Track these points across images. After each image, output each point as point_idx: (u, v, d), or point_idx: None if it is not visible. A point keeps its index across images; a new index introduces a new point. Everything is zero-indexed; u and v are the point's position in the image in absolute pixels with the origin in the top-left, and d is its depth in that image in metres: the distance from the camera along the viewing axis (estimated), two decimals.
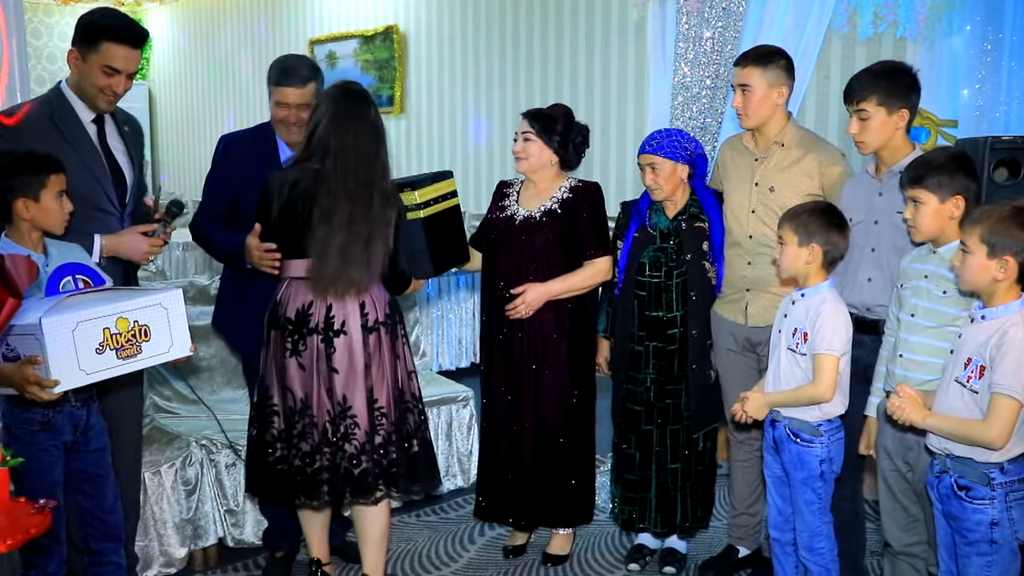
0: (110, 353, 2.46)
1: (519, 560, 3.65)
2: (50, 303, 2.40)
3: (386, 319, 3.04)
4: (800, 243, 2.75)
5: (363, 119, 2.95)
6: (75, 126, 2.99)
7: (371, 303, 3.00)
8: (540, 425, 3.45)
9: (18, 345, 2.37)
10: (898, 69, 2.96)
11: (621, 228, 3.49)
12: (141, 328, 2.52)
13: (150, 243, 2.99)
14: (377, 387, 2.99)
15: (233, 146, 3.40)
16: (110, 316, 2.45)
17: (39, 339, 2.31)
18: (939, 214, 2.57)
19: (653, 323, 3.36)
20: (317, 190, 2.90)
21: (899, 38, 4.65)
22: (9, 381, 2.39)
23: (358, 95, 3.00)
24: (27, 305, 2.41)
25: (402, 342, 3.11)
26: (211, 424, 3.74)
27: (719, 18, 3.99)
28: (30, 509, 2.14)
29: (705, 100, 4.05)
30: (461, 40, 7.48)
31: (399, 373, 3.07)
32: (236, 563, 3.62)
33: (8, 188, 2.58)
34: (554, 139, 3.42)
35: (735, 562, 3.52)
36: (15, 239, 2.61)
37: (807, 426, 2.77)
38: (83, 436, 2.71)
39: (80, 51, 2.95)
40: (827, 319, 2.71)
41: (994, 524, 2.32)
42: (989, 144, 3.18)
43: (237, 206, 3.30)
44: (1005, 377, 2.22)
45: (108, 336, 2.45)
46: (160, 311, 2.57)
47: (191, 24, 10.82)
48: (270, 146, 3.34)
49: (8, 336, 2.37)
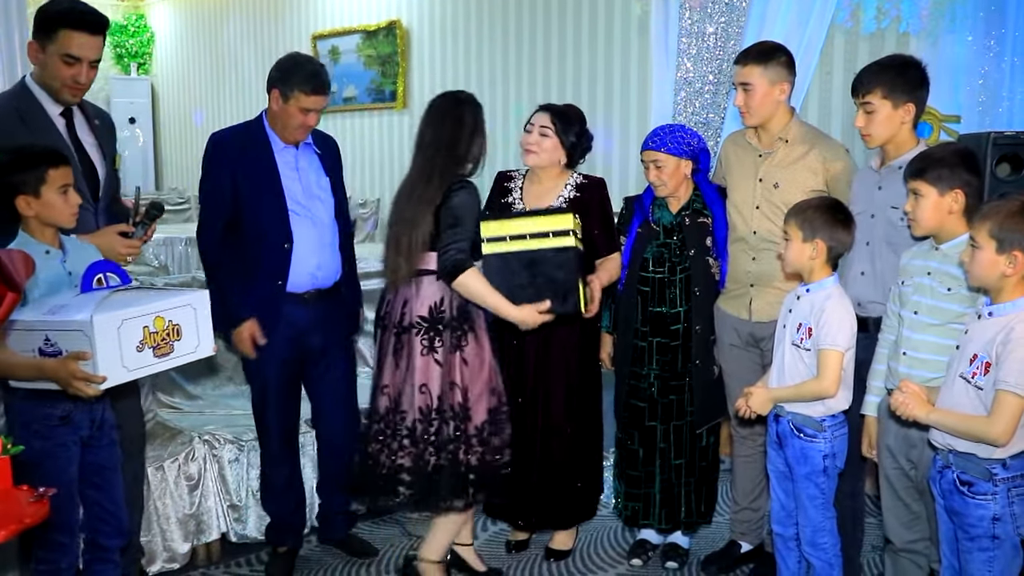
0: (148, 351, 2.50)
1: (522, 555, 3.65)
2: (92, 300, 2.42)
3: (422, 321, 3.05)
4: (805, 239, 2.75)
5: (446, 115, 3.09)
6: (42, 120, 2.94)
7: (415, 301, 3.06)
8: (547, 425, 3.44)
9: (60, 340, 2.38)
10: (907, 63, 2.95)
11: (624, 224, 3.49)
12: (174, 327, 2.56)
13: (127, 244, 2.91)
14: (393, 388, 3.07)
15: (224, 144, 3.34)
16: (150, 315, 2.49)
17: (88, 335, 2.34)
18: (938, 207, 2.57)
19: (656, 319, 3.36)
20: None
21: (902, 33, 4.65)
22: (52, 376, 2.39)
23: (448, 96, 3.16)
24: (67, 301, 2.45)
25: (448, 350, 3.06)
26: (214, 419, 3.75)
27: (722, 13, 3.98)
28: (29, 498, 2.14)
29: (708, 96, 4.04)
30: (464, 35, 7.48)
31: (435, 380, 3.05)
32: (239, 558, 3.63)
33: (9, 186, 2.57)
34: (570, 139, 3.41)
35: (737, 557, 3.52)
36: (31, 235, 2.61)
37: (811, 421, 2.77)
38: (98, 431, 2.71)
39: (39, 42, 2.90)
40: (832, 314, 2.71)
41: (996, 519, 2.32)
42: (991, 139, 3.17)
43: (238, 206, 3.25)
44: (1011, 374, 2.22)
45: (147, 334, 2.48)
46: (190, 311, 2.60)
47: (194, 19, 10.81)
48: (262, 141, 3.30)
49: (50, 331, 2.38)
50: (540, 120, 3.42)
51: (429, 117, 3.13)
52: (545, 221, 3.01)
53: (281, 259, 3.24)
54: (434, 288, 3.06)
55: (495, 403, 3.10)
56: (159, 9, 11.37)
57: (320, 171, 3.39)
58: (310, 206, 3.31)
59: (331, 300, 3.40)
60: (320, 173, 3.38)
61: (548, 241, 3.00)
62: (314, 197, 3.33)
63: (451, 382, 3.05)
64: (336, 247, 3.40)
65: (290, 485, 3.51)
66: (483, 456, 3.08)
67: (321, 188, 3.37)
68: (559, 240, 2.99)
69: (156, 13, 11.45)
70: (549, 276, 3.00)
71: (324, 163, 3.41)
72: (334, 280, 3.40)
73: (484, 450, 3.08)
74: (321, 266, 3.33)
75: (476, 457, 3.07)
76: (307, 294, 3.32)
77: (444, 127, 3.08)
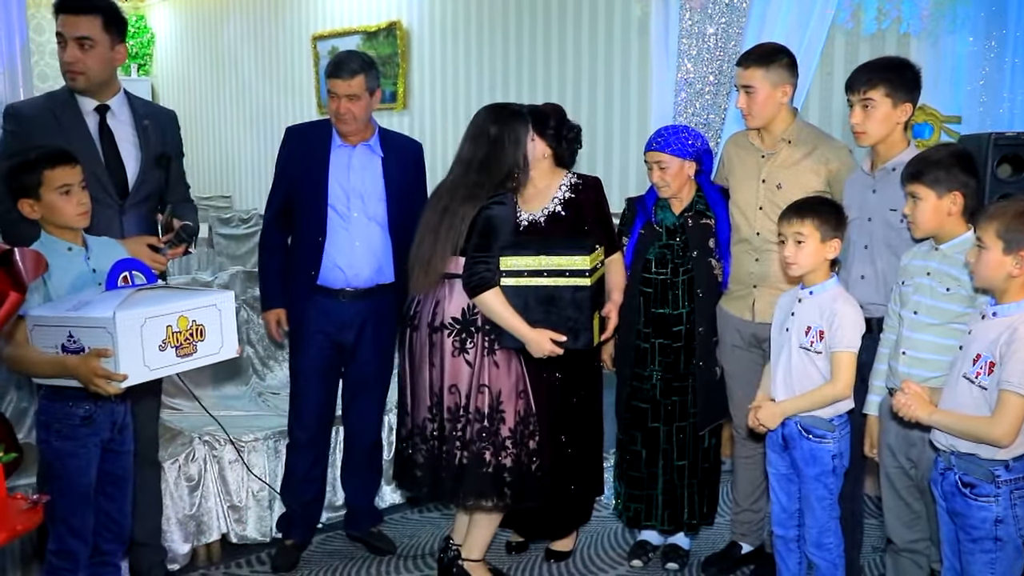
0: (170, 351, 2.49)
1: (522, 556, 3.65)
2: (116, 297, 2.43)
3: (454, 322, 3.07)
4: (823, 239, 2.74)
5: (482, 132, 3.11)
6: (72, 116, 3.00)
7: (447, 302, 3.07)
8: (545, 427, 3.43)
9: (83, 337, 2.38)
10: (904, 64, 2.97)
11: (626, 224, 3.49)
12: (198, 328, 2.56)
13: (153, 258, 2.93)
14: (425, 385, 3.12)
15: (292, 135, 3.51)
16: (173, 314, 2.48)
17: (111, 333, 2.34)
18: (937, 210, 2.57)
19: (659, 320, 3.36)
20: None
21: (903, 34, 4.64)
22: (73, 373, 2.39)
23: (490, 110, 3.17)
24: (91, 298, 2.46)
25: (479, 352, 3.07)
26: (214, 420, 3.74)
27: (722, 14, 3.97)
28: (24, 505, 2.13)
29: (708, 97, 4.03)
30: (464, 36, 7.46)
31: (463, 380, 3.07)
32: (239, 559, 3.62)
33: (10, 193, 2.59)
34: (547, 132, 3.39)
35: (738, 558, 3.52)
36: (52, 233, 2.61)
37: (821, 422, 2.77)
38: (119, 435, 2.70)
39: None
40: (844, 316, 2.71)
41: (999, 521, 2.32)
42: (992, 140, 3.17)
43: (290, 196, 3.40)
44: (1014, 374, 2.22)
45: (170, 334, 2.48)
46: (215, 312, 2.60)
47: (193, 19, 10.79)
48: (324, 138, 3.40)
49: (74, 327, 2.38)
50: None
51: (468, 131, 3.16)
52: (564, 260, 3.00)
53: (314, 251, 3.37)
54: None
55: (524, 407, 3.10)
56: (159, 10, 11.36)
57: (378, 174, 3.41)
58: (351, 205, 3.36)
59: (372, 301, 3.43)
60: (377, 176, 3.40)
61: (565, 280, 3.01)
62: (357, 197, 3.37)
63: (481, 384, 3.06)
64: (376, 250, 3.41)
65: (308, 476, 3.55)
66: (519, 457, 3.08)
67: (368, 189, 3.39)
68: (576, 280, 3.01)
69: (156, 14, 11.44)
70: (564, 314, 3.03)
71: (387, 166, 3.42)
72: (374, 282, 3.42)
73: (520, 452, 3.08)
74: (352, 265, 3.37)
75: (512, 459, 3.07)
76: (343, 292, 3.39)
77: (479, 144, 3.10)
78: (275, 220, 3.50)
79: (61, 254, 2.57)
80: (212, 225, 8.73)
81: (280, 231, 3.50)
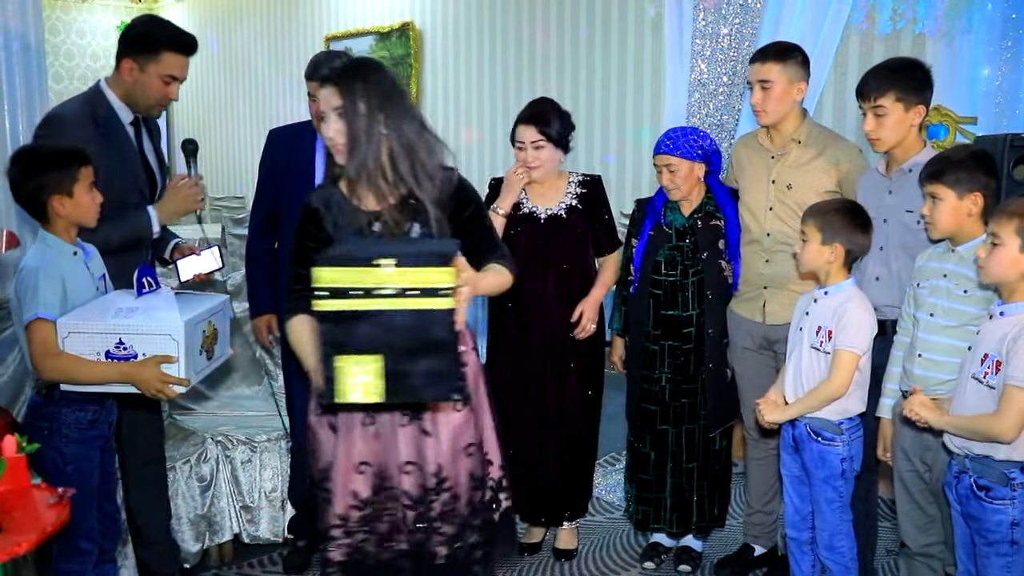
0: (204, 354, 2.60)
1: (534, 557, 3.64)
2: (165, 302, 2.50)
3: None
4: (824, 241, 2.73)
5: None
6: (116, 126, 3.02)
7: None
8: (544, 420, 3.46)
9: (136, 343, 2.42)
10: (913, 64, 2.94)
11: (636, 226, 3.48)
12: (214, 331, 2.66)
13: (193, 190, 3.01)
14: None
15: (274, 139, 3.46)
16: (206, 319, 2.58)
17: (176, 340, 2.41)
18: (957, 210, 2.55)
19: (669, 322, 3.35)
20: None
21: (918, 34, 4.62)
22: (132, 379, 2.43)
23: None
24: (128, 303, 2.50)
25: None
26: (227, 420, 3.76)
27: (736, 15, 3.96)
28: (49, 498, 2.12)
29: (722, 97, 4.03)
30: (477, 37, 7.47)
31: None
32: (251, 559, 3.63)
33: (41, 186, 2.49)
34: (563, 140, 3.41)
35: (750, 561, 3.50)
36: (58, 236, 2.56)
37: (829, 425, 2.75)
38: (113, 434, 2.74)
39: (137, 61, 2.99)
40: (853, 317, 2.70)
41: (1015, 524, 2.30)
42: (1008, 141, 3.14)
43: (279, 202, 3.31)
44: (1019, 369, 2.21)
45: (203, 337, 2.58)
46: (223, 316, 2.71)
47: (207, 21, 10.84)
48: (308, 139, 3.32)
49: (125, 334, 2.43)
50: (528, 136, 3.38)
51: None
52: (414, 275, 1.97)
53: None
54: None
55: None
56: (173, 12, 11.41)
57: None
58: None
59: None
60: None
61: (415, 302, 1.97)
62: None
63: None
64: None
65: None
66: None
67: None
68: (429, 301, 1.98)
69: (170, 16, 11.49)
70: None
71: None
72: None
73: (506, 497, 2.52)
74: None
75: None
76: None
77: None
78: (261, 227, 3.44)
79: (68, 259, 2.54)
80: (225, 225, 8.75)
81: (266, 237, 3.44)
